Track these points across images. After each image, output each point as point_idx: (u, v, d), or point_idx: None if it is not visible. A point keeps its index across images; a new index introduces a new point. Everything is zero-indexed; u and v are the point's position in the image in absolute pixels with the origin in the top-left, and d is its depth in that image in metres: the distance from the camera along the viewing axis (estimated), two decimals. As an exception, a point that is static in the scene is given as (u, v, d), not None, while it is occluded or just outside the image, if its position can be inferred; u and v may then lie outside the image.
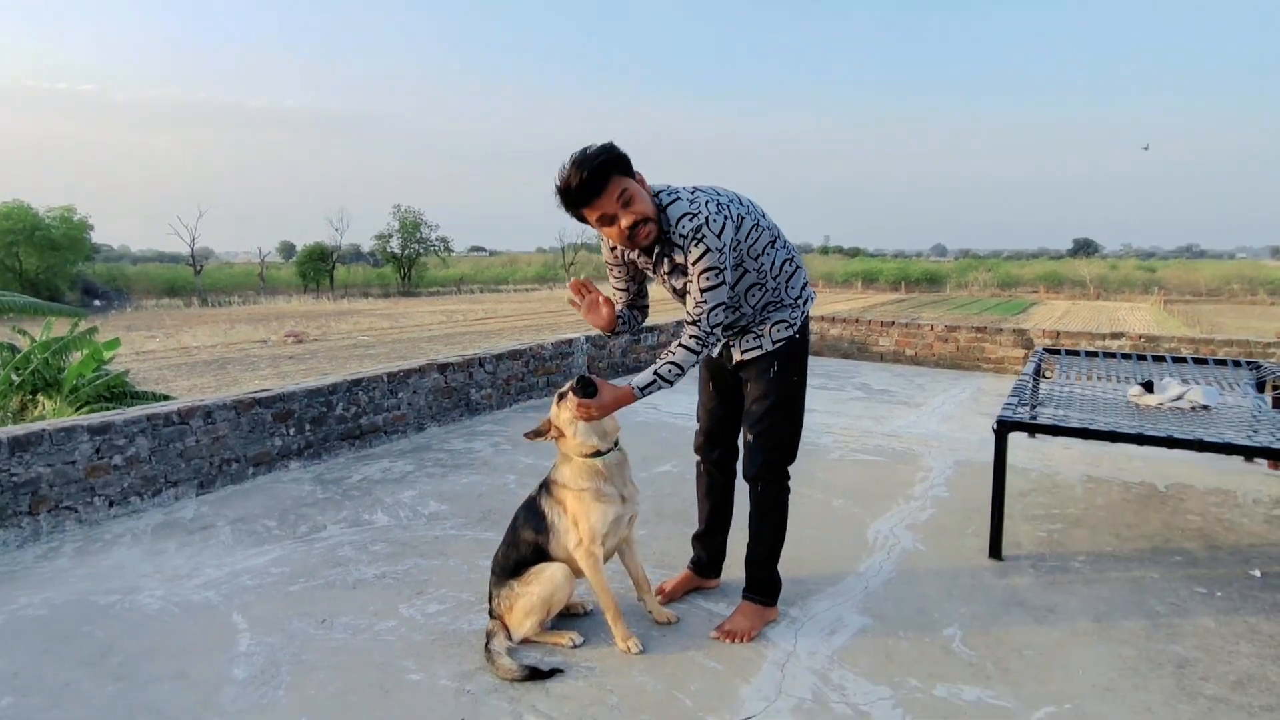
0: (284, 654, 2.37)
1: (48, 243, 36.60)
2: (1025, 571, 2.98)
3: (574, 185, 2.11)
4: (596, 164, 2.09)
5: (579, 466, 2.36)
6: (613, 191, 2.12)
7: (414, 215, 52.62)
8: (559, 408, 2.36)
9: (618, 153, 2.14)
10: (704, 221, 2.16)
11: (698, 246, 2.17)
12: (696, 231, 2.16)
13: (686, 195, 2.24)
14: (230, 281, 49.95)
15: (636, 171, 2.21)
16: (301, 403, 4.30)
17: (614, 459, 2.40)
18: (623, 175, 2.15)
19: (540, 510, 2.41)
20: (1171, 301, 44.69)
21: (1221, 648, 2.43)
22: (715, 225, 2.17)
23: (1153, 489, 3.96)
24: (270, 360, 18.06)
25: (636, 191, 2.17)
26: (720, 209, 2.21)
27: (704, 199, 2.22)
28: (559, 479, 2.40)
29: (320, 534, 3.33)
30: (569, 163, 2.12)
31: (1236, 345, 6.70)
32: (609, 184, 2.11)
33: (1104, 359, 4.79)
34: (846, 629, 2.53)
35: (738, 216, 2.27)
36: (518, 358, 5.89)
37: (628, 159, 2.16)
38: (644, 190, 2.21)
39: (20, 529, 3.23)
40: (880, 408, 5.88)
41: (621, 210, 2.15)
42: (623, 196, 2.14)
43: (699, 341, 2.25)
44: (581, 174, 2.09)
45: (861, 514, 3.58)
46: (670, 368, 2.24)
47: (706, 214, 2.18)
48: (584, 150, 2.13)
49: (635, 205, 2.16)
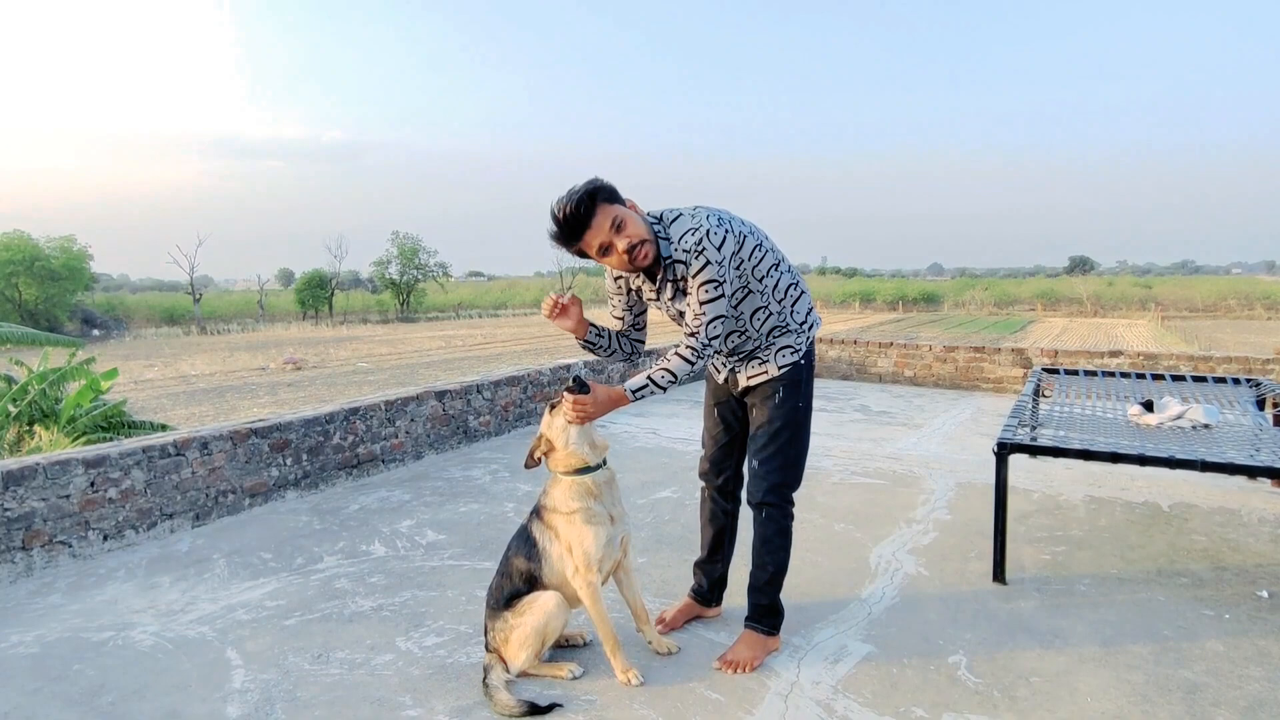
0: (279, 690, 2.33)
1: (47, 273, 36.68)
2: (1030, 595, 2.94)
3: (565, 219, 2.17)
4: (582, 196, 2.16)
5: (569, 487, 2.33)
6: (603, 220, 2.18)
7: (412, 241, 52.82)
8: (551, 416, 2.36)
9: (601, 184, 2.21)
10: (705, 234, 2.21)
11: (699, 259, 2.20)
12: (698, 244, 2.20)
13: (688, 212, 2.30)
14: (229, 309, 50.03)
15: (626, 198, 2.27)
16: (298, 432, 4.28)
17: (603, 476, 2.38)
18: (610, 203, 2.20)
19: (532, 537, 2.38)
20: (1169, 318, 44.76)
21: (1232, 672, 2.39)
22: (715, 238, 2.21)
23: (1156, 509, 3.93)
24: (269, 387, 18.03)
25: (628, 215, 2.22)
26: (721, 223, 2.26)
27: (705, 214, 2.28)
28: (549, 504, 2.37)
29: (317, 565, 3.29)
30: (556, 203, 2.19)
31: (1235, 362, 6.69)
32: (598, 213, 2.18)
33: (1103, 378, 4.78)
34: (850, 657, 2.49)
35: (739, 234, 2.30)
36: (516, 384, 5.87)
37: (613, 188, 2.23)
38: (636, 214, 2.26)
39: (13, 564, 3.19)
40: (880, 429, 5.86)
41: (615, 235, 2.19)
42: (615, 223, 2.18)
43: (695, 353, 2.26)
44: (570, 208, 2.16)
45: (863, 538, 3.55)
46: (663, 374, 2.25)
47: (708, 227, 2.22)
48: (569, 189, 2.20)
49: (628, 229, 2.20)
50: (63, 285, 37.54)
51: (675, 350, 2.29)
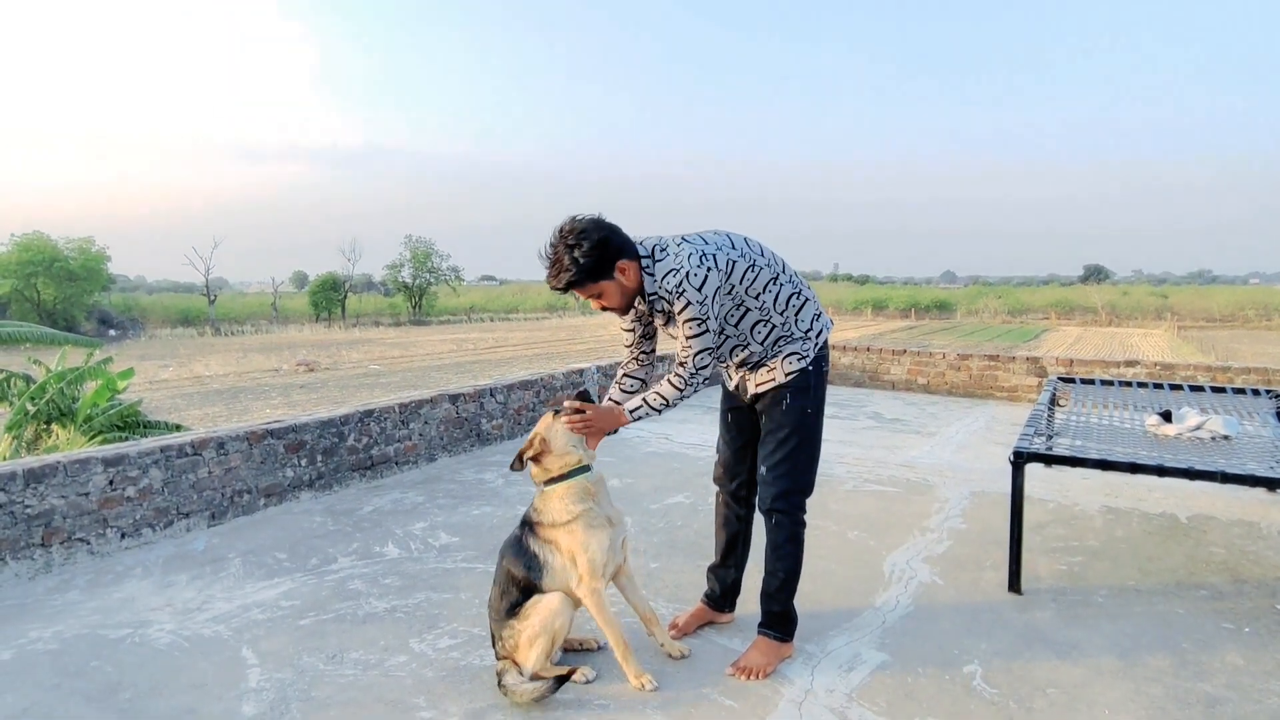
0: (294, 690, 2.34)
1: (66, 274, 37.08)
2: (1046, 606, 2.92)
3: (551, 284, 2.31)
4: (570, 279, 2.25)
5: (565, 492, 2.34)
6: (588, 290, 2.31)
7: (425, 245, 53.04)
8: (553, 419, 2.39)
9: (593, 259, 2.23)
10: (685, 276, 2.27)
11: (680, 299, 2.28)
12: (678, 286, 2.28)
13: (674, 249, 2.34)
14: (244, 311, 50.36)
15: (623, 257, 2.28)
16: (313, 434, 4.31)
17: (594, 476, 2.40)
18: (596, 281, 2.28)
19: (530, 551, 2.36)
20: (1185, 328, 44.33)
21: (1252, 686, 2.36)
22: (696, 279, 2.27)
23: (1174, 521, 3.90)
24: (282, 389, 18.14)
25: (607, 288, 2.31)
26: (704, 260, 2.29)
27: (688, 251, 2.32)
28: (544, 520, 2.35)
29: (331, 566, 3.31)
30: (555, 261, 2.26)
31: (1255, 373, 6.62)
32: (582, 288, 2.30)
33: (1119, 387, 4.75)
34: (864, 666, 2.48)
35: (726, 263, 2.33)
36: (529, 388, 5.89)
37: (607, 255, 2.25)
38: (623, 278, 2.30)
39: (33, 561, 3.22)
40: (893, 437, 5.83)
41: (593, 299, 2.34)
42: (596, 293, 2.31)
43: (684, 382, 2.37)
44: (555, 283, 2.28)
45: (877, 546, 3.53)
46: (657, 398, 2.38)
47: (688, 268, 2.28)
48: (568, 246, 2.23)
49: (605, 299, 2.33)
50: (80, 286, 37.93)
51: (667, 378, 2.38)
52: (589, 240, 2.22)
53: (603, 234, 2.25)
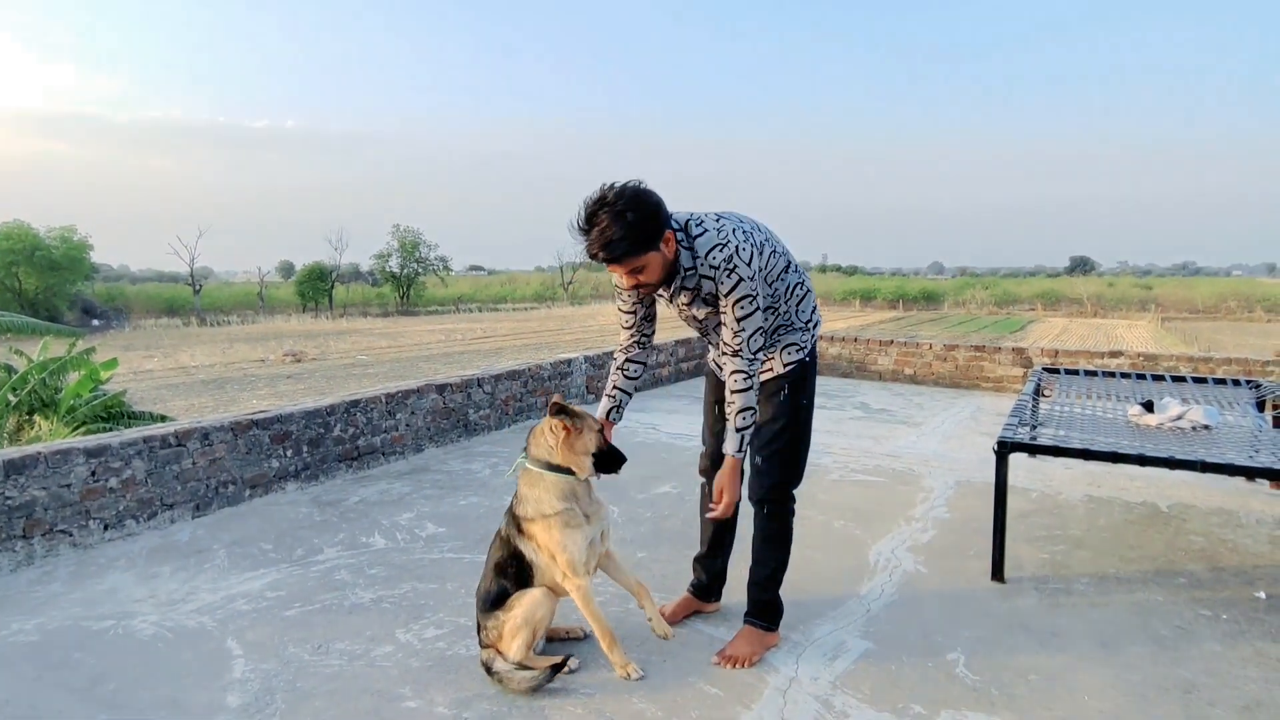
0: (279, 681, 2.34)
1: (48, 263, 36.63)
2: (1028, 594, 2.95)
3: (592, 255, 2.12)
4: (624, 249, 2.09)
5: (552, 485, 2.31)
6: (629, 264, 2.15)
7: (413, 235, 52.74)
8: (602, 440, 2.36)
9: (648, 229, 2.08)
10: (734, 251, 2.18)
11: (730, 276, 2.18)
12: (728, 261, 2.18)
13: (713, 225, 2.24)
14: (229, 301, 49.92)
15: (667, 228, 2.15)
16: (299, 424, 4.28)
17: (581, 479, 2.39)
18: (645, 252, 2.12)
19: (517, 549, 2.36)
20: (1169, 319, 44.77)
21: (1229, 672, 2.40)
22: (745, 254, 2.19)
23: (1155, 509, 3.94)
24: (268, 380, 18.03)
25: (653, 260, 2.16)
26: (747, 236, 2.24)
27: (730, 227, 2.24)
28: (526, 512, 2.33)
29: (317, 557, 3.30)
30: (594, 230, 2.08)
31: (1235, 363, 6.70)
32: (633, 259, 2.13)
33: (1103, 378, 4.79)
34: (849, 653, 2.50)
35: (760, 243, 2.28)
36: (516, 378, 5.87)
37: (659, 224, 2.11)
38: (663, 253, 2.17)
39: (14, 553, 3.19)
40: (880, 427, 5.86)
41: (629, 275, 2.18)
42: (637, 268, 2.16)
43: (746, 375, 2.25)
44: (605, 253, 2.10)
45: (862, 535, 3.56)
46: (740, 416, 2.26)
47: (736, 243, 2.19)
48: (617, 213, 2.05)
49: (646, 273, 2.18)
50: (63, 275, 37.50)
51: (729, 388, 2.27)
52: (642, 208, 2.07)
53: (654, 200, 2.11)
